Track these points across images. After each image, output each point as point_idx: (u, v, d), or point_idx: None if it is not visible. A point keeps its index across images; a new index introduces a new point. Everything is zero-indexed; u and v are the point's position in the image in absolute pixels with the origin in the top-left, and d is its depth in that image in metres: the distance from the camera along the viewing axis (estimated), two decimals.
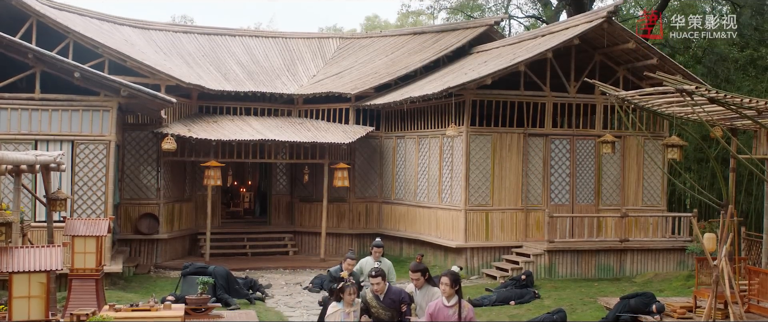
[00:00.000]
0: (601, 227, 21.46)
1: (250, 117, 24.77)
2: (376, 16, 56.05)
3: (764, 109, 11.64)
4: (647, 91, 12.51)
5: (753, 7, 30.55)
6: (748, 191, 24.55)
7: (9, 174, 12.65)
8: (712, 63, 30.06)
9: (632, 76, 22.19)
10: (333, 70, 27.84)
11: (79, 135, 18.19)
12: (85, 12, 25.50)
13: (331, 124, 24.98)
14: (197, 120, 23.31)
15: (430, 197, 22.64)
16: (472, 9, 37.62)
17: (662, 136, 21.71)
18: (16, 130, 17.90)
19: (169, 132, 20.96)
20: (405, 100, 22.26)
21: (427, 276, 9.50)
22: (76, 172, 18.14)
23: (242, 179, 30.75)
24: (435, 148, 22.42)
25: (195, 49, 27.52)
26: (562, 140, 21.96)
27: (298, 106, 25.84)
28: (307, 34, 31.63)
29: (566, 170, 21.97)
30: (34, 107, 17.99)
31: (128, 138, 22.08)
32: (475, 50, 26.18)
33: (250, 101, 25.30)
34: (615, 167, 22.42)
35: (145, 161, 22.26)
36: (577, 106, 22.20)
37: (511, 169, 21.41)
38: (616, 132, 22.02)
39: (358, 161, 24.98)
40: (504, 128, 21.40)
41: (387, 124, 25.00)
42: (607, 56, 22.26)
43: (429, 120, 22.69)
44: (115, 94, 18.20)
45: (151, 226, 22.09)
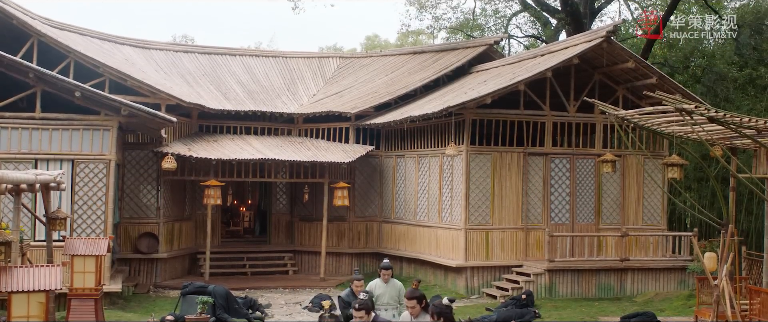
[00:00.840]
0: (601, 246, 21.43)
1: (250, 136, 24.79)
2: (376, 36, 56.25)
3: (764, 128, 11.64)
4: (647, 111, 12.52)
5: (751, 26, 30.67)
6: (749, 210, 24.52)
7: (9, 193, 12.64)
8: (711, 82, 30.13)
9: (632, 96, 22.24)
10: (333, 90, 27.89)
11: (80, 154, 18.20)
12: (86, 31, 25.58)
13: (331, 143, 24.99)
14: (197, 139, 23.33)
15: (430, 216, 22.62)
16: (472, 28, 37.75)
17: (662, 156, 21.71)
18: (16, 149, 17.91)
19: (169, 151, 20.97)
20: (405, 119, 22.29)
21: (424, 304, 9.16)
22: (76, 191, 18.13)
23: (242, 198, 30.73)
24: (435, 168, 22.42)
25: (195, 69, 27.59)
26: (562, 159, 21.97)
27: (298, 126, 25.88)
28: (308, 53, 31.72)
29: (566, 189, 21.96)
30: (34, 126, 18.00)
31: (128, 157, 22.09)
32: (474, 70, 26.25)
33: (250, 120, 25.33)
34: (615, 186, 22.41)
35: (145, 180, 22.25)
36: (577, 125, 22.22)
37: (511, 188, 21.40)
38: (616, 151, 22.03)
39: (358, 180, 24.97)
40: (504, 147, 21.42)
41: (387, 143, 25.01)
42: (607, 75, 22.31)
43: (429, 139, 22.71)
44: (116, 113, 18.23)
45: (150, 245, 22.05)
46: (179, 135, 23.19)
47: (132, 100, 19.93)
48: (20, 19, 21.06)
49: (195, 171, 22.18)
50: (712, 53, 32.75)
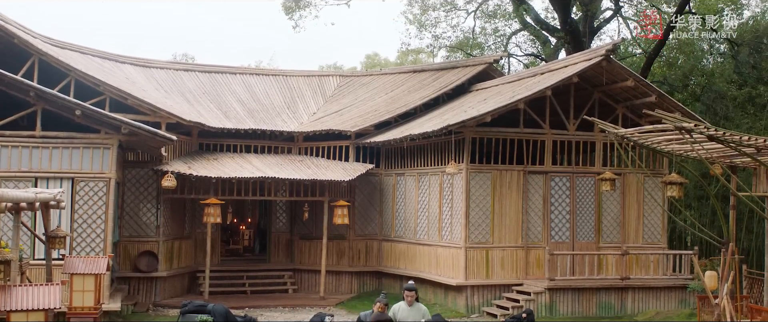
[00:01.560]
0: (601, 264, 21.39)
1: (250, 154, 24.80)
2: (376, 55, 56.40)
3: (763, 146, 11.66)
4: (646, 129, 12.55)
5: (750, 45, 30.77)
6: (749, 228, 24.50)
7: (9, 212, 12.64)
8: (710, 101, 30.19)
9: (631, 114, 22.27)
10: (333, 108, 27.94)
11: (80, 172, 18.20)
12: (87, 50, 25.66)
13: (331, 161, 25.01)
14: (197, 157, 23.34)
15: (430, 234, 22.60)
16: (472, 47, 37.86)
17: (662, 174, 21.73)
18: (16, 167, 17.92)
19: (169, 169, 20.98)
20: (405, 137, 22.31)
21: None
22: (76, 209, 18.12)
23: (242, 217, 30.71)
24: (435, 186, 22.42)
25: (195, 87, 27.65)
26: (562, 178, 21.98)
27: (299, 144, 25.90)
28: (308, 72, 31.80)
29: (566, 208, 21.95)
30: (34, 145, 18.02)
31: (128, 175, 22.09)
32: (474, 88, 26.31)
33: (250, 139, 25.36)
34: (615, 205, 22.40)
35: (144, 199, 22.24)
36: (577, 143, 22.25)
37: (511, 206, 21.39)
38: (616, 169, 22.03)
39: (358, 199, 24.96)
40: (504, 166, 21.42)
41: (387, 161, 25.03)
42: (606, 94, 22.36)
43: (429, 157, 22.72)
44: (116, 131, 18.25)
45: (150, 263, 22.00)
46: (179, 153, 23.21)
47: (132, 118, 19.96)
48: (21, 38, 21.12)
49: (195, 189, 22.18)
50: (712, 72, 32.85)
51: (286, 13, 32.93)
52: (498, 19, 38.66)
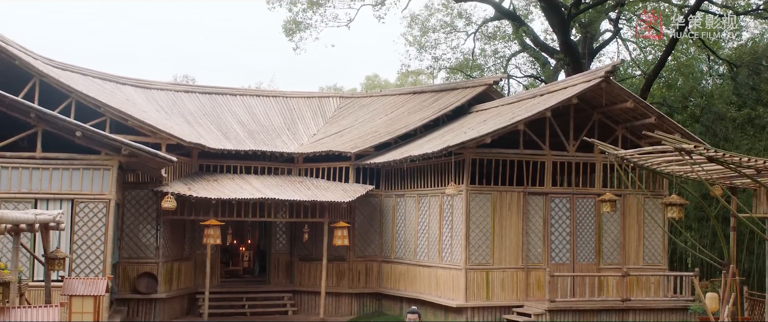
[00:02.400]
0: (602, 286, 21.32)
1: (250, 176, 24.80)
2: (376, 76, 56.55)
3: (763, 168, 11.67)
4: (646, 150, 12.56)
5: (749, 66, 30.86)
6: (750, 249, 24.45)
7: (8, 233, 12.61)
8: (710, 122, 30.24)
9: (631, 135, 22.30)
10: (333, 129, 27.98)
11: (80, 194, 18.20)
12: (88, 71, 25.73)
13: (331, 182, 25.00)
14: (197, 179, 23.34)
15: (430, 255, 22.55)
16: (472, 69, 37.97)
17: (662, 195, 21.71)
18: (16, 189, 17.91)
19: (169, 191, 20.97)
20: (405, 159, 22.32)
21: None
22: (75, 230, 18.09)
23: (242, 238, 30.65)
24: (435, 207, 22.40)
25: (196, 108, 27.70)
26: (562, 199, 21.97)
27: (299, 165, 25.91)
28: (308, 93, 31.87)
29: (566, 229, 21.92)
30: (34, 166, 18.02)
31: (128, 197, 22.08)
32: (474, 109, 26.35)
33: (250, 160, 25.37)
34: (615, 226, 22.37)
35: (144, 220, 22.22)
36: (577, 164, 22.25)
37: (512, 227, 21.36)
38: (616, 191, 22.01)
39: (358, 220, 24.93)
40: (504, 187, 21.41)
41: (387, 182, 25.02)
42: (606, 115, 22.39)
43: (429, 179, 22.72)
44: (116, 153, 18.26)
45: (149, 285, 21.94)
46: (179, 174, 23.21)
47: (133, 139, 19.98)
48: (22, 60, 21.19)
49: (195, 210, 22.15)
50: (711, 93, 32.93)
51: (287, 34, 33.06)
52: (497, 41, 38.79)
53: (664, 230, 22.29)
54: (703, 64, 36.23)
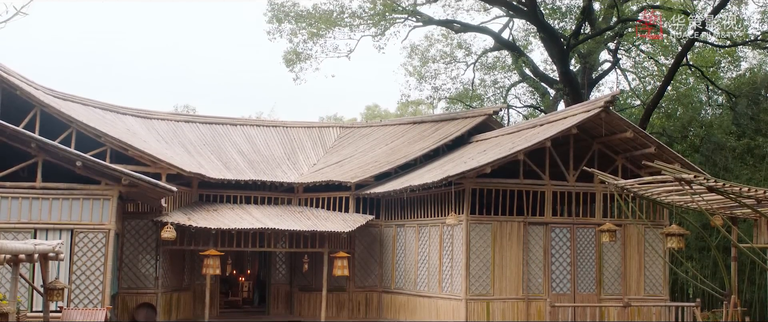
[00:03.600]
0: (603, 316, 21.20)
1: (250, 205, 24.78)
2: (376, 106, 56.70)
3: (763, 198, 11.66)
4: (646, 180, 12.56)
5: (748, 97, 30.96)
6: (751, 279, 24.36)
7: (7, 263, 12.58)
8: (709, 152, 30.27)
9: (631, 165, 22.32)
10: (333, 159, 28.00)
11: (79, 224, 18.18)
12: (89, 102, 25.80)
13: (331, 212, 24.97)
14: (197, 208, 23.31)
15: (430, 286, 22.46)
16: (471, 99, 38.08)
17: (662, 225, 21.67)
18: (16, 219, 17.90)
19: (169, 221, 20.95)
20: (405, 188, 22.31)
21: None
22: (75, 261, 18.05)
23: (241, 268, 30.53)
24: (435, 237, 22.35)
25: (196, 138, 27.74)
26: (562, 229, 21.93)
27: (299, 195, 25.89)
28: (308, 123, 31.92)
29: (567, 259, 21.86)
30: (34, 196, 18.03)
31: (128, 226, 22.04)
32: (474, 139, 26.40)
33: (250, 190, 25.37)
34: (616, 256, 22.30)
35: (143, 250, 22.17)
36: (577, 194, 22.25)
37: (512, 257, 21.29)
38: (616, 220, 21.96)
39: (358, 250, 24.87)
40: (504, 217, 21.38)
41: (387, 212, 24.99)
42: (606, 145, 22.42)
43: (429, 209, 22.70)
44: (117, 182, 18.27)
45: (148, 316, 21.82)
46: (179, 204, 23.19)
47: (133, 169, 20.01)
48: (24, 90, 21.28)
49: (194, 240, 22.11)
50: (710, 123, 33.00)
51: (287, 65, 33.19)
52: (497, 71, 38.96)
53: (665, 260, 22.22)
54: (702, 94, 36.35)
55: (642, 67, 36.88)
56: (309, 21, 31.74)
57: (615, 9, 31.24)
